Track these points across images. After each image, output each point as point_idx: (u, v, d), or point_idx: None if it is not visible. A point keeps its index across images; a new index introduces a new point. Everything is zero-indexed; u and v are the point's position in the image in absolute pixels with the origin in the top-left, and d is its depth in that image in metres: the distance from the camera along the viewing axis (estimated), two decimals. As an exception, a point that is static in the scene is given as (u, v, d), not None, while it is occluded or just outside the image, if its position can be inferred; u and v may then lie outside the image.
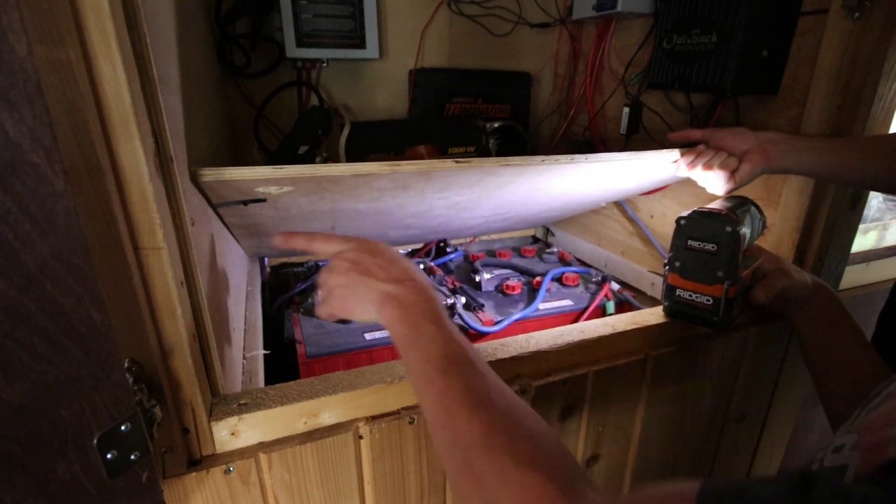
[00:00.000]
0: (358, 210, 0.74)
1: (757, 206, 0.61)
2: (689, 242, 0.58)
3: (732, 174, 0.69)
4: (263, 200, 0.58)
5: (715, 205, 0.60)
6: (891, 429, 0.30)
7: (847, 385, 0.59)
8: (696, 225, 0.58)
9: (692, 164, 0.71)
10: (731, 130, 0.71)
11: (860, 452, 0.31)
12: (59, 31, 0.29)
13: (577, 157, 0.62)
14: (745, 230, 0.58)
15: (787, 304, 0.65)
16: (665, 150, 0.71)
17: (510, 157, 0.59)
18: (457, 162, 0.56)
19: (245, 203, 0.59)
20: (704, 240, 0.57)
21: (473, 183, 0.68)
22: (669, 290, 0.64)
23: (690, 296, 0.61)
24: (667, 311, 0.66)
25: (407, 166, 0.54)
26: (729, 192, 0.70)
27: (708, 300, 0.57)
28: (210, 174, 0.47)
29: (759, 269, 0.63)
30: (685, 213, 0.60)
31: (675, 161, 0.73)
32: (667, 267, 0.63)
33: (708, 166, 0.69)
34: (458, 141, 1.12)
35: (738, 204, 0.61)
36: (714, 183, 0.71)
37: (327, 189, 0.59)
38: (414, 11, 1.17)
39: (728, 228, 0.55)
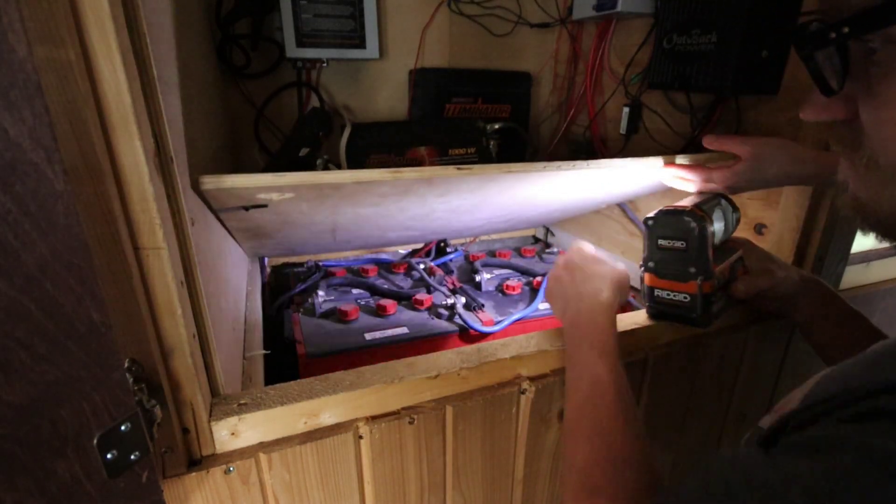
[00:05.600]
0: (359, 213, 0.74)
1: (729, 200, 0.61)
2: (660, 242, 0.59)
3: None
4: (265, 206, 0.58)
5: (682, 202, 0.60)
6: (787, 404, 0.34)
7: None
8: (663, 224, 0.59)
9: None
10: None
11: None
12: (59, 31, 0.29)
13: (579, 162, 0.62)
14: (716, 225, 0.58)
15: (779, 303, 0.65)
16: (663, 157, 0.71)
17: (512, 164, 0.59)
18: (459, 169, 0.56)
19: (246, 209, 0.59)
20: (673, 238, 0.58)
21: (475, 188, 0.68)
22: (649, 291, 0.64)
23: (668, 295, 0.61)
24: (650, 313, 0.66)
25: (409, 173, 0.53)
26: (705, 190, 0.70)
27: (685, 297, 0.58)
28: (211, 182, 0.47)
29: (739, 263, 0.63)
30: (651, 214, 0.60)
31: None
32: (642, 268, 0.63)
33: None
34: (458, 142, 1.12)
35: (707, 199, 0.61)
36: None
37: (329, 195, 0.59)
38: (414, 11, 1.17)
39: (693, 224, 0.56)
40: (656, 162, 0.70)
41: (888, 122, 0.33)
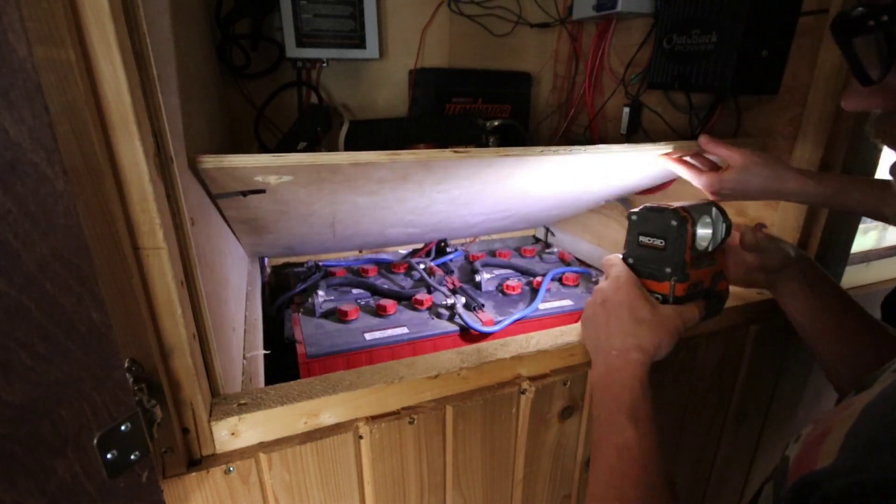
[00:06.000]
0: (357, 204, 0.73)
1: (721, 210, 0.59)
2: (641, 238, 0.58)
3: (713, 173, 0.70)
4: (262, 192, 0.58)
5: (671, 203, 0.59)
6: (820, 442, 0.32)
7: (844, 350, 0.59)
8: (646, 220, 0.58)
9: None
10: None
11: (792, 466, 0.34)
12: (59, 31, 0.29)
13: (575, 148, 0.63)
14: (701, 230, 0.57)
15: (769, 275, 0.65)
16: (661, 144, 0.71)
17: (509, 148, 0.59)
18: (455, 152, 0.56)
19: (244, 194, 0.59)
20: (654, 235, 0.56)
21: (472, 175, 0.68)
22: None
23: None
24: None
25: (406, 156, 0.54)
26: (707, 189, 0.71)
27: (658, 297, 0.56)
28: (209, 161, 0.47)
29: (721, 276, 0.61)
30: (636, 209, 0.59)
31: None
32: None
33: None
34: (457, 139, 1.12)
35: (698, 204, 0.59)
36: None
37: (326, 179, 0.59)
38: (414, 11, 1.17)
39: (674, 223, 0.55)
40: (652, 150, 0.70)
41: None
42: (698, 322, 0.56)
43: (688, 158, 0.75)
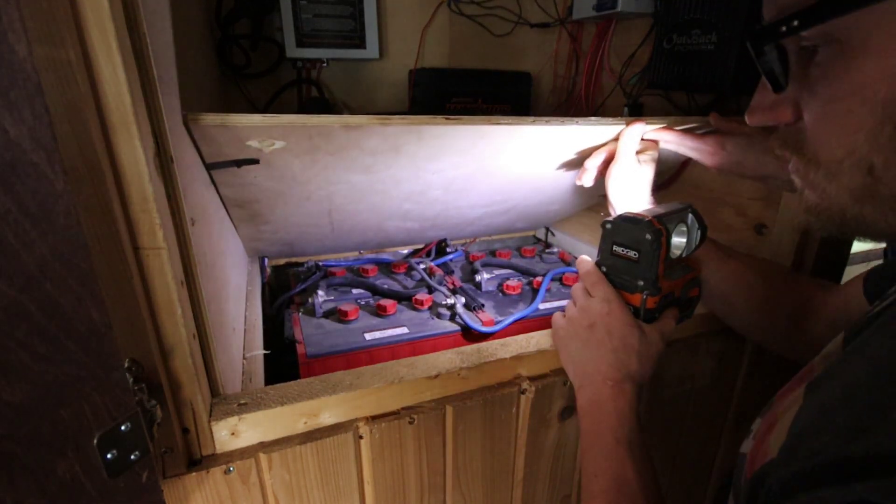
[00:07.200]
0: (353, 185, 0.73)
1: (697, 215, 0.58)
2: (614, 248, 0.56)
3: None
4: (256, 161, 0.58)
5: (644, 210, 0.58)
6: (765, 438, 0.33)
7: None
8: (620, 230, 0.56)
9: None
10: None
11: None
12: (59, 31, 0.29)
13: (567, 119, 0.62)
14: (676, 239, 0.56)
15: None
16: (656, 117, 0.70)
17: (500, 117, 0.59)
18: (446, 119, 0.55)
19: (238, 164, 0.58)
20: (627, 246, 0.55)
21: (465, 149, 0.68)
22: None
23: None
24: None
25: (397, 120, 0.53)
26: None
27: (630, 308, 0.55)
28: (203, 118, 0.48)
29: (693, 283, 0.60)
30: (610, 218, 0.58)
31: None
32: None
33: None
34: (457, 138, 1.12)
35: (674, 210, 0.57)
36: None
37: (320, 148, 0.59)
38: (414, 11, 1.17)
39: (648, 236, 0.53)
40: (652, 123, 0.69)
41: (828, 118, 0.33)
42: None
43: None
